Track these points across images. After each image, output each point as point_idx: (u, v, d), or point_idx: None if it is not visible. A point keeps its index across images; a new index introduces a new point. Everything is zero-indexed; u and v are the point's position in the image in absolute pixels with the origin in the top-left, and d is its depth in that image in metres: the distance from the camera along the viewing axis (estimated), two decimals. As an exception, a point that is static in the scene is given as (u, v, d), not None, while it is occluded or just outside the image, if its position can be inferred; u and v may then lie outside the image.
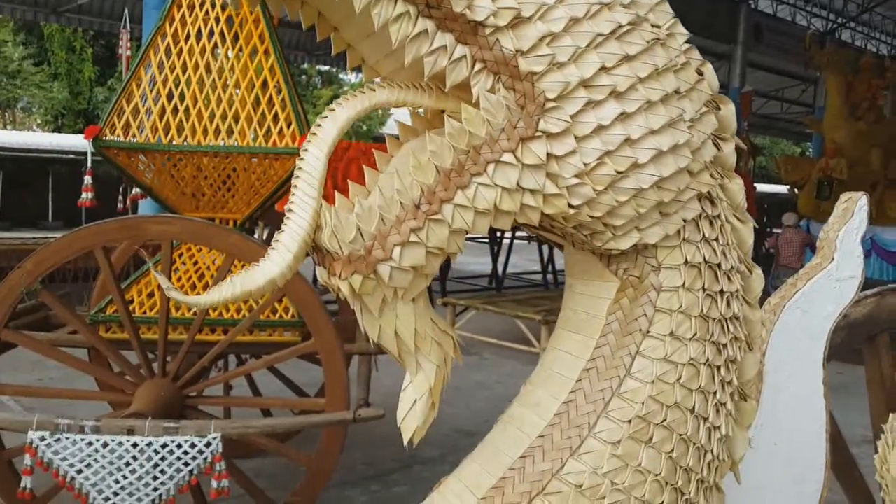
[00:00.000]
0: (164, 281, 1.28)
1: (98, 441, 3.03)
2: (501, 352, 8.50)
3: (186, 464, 3.05)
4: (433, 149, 1.26)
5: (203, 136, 3.80)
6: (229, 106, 3.87)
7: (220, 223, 4.01)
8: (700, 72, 1.47)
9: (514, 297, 9.97)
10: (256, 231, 5.15)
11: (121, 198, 5.57)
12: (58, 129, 27.09)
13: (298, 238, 1.21)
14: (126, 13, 9.76)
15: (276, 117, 3.86)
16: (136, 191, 4.84)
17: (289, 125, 3.85)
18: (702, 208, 1.48)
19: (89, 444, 3.03)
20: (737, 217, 1.58)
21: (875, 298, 2.52)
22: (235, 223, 4.13)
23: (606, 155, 1.31)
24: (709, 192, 1.49)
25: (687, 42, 1.46)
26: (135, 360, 3.66)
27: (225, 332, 3.74)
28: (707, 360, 1.48)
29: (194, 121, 3.82)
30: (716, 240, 1.52)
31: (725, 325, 1.52)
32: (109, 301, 3.80)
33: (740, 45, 17.64)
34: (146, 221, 3.48)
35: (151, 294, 3.90)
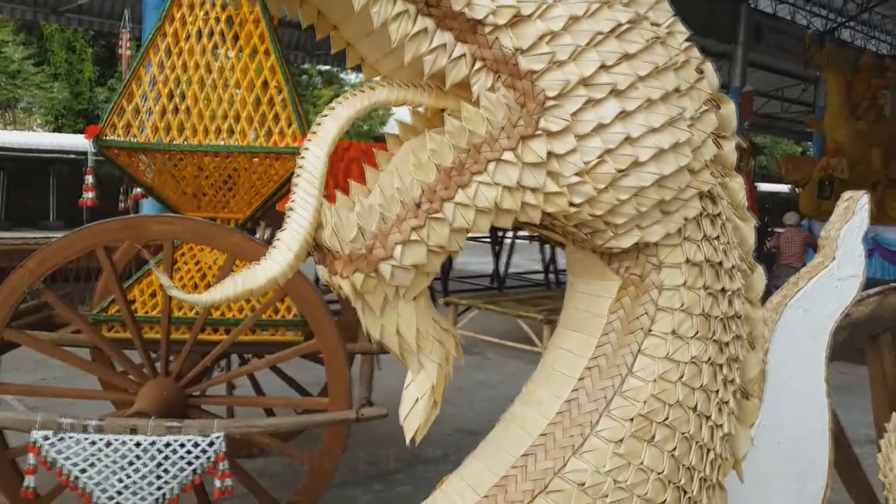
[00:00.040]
0: (165, 279, 1.29)
1: (101, 440, 3.03)
2: (504, 351, 8.49)
3: (190, 463, 3.06)
4: (433, 147, 1.26)
5: (204, 135, 3.81)
6: (230, 106, 3.87)
7: (222, 223, 4.01)
8: (700, 70, 1.46)
9: (516, 296, 9.96)
10: (258, 231, 5.15)
11: (122, 197, 5.58)
12: (58, 129, 27.09)
13: (300, 237, 1.21)
14: (126, 13, 9.76)
15: (276, 117, 3.86)
16: (137, 190, 4.85)
17: (289, 125, 3.85)
18: (703, 207, 1.48)
19: (93, 443, 3.03)
20: (738, 215, 1.58)
21: (877, 298, 2.52)
22: (237, 223, 4.13)
23: (607, 153, 1.31)
24: (710, 191, 1.49)
25: (687, 41, 1.46)
26: (137, 359, 3.66)
27: (227, 331, 3.73)
28: (709, 358, 1.48)
29: (195, 120, 3.82)
30: (717, 238, 1.52)
31: (727, 324, 1.52)
32: (112, 300, 3.80)
33: (740, 45, 17.60)
34: (148, 221, 3.48)
35: (154, 293, 3.90)
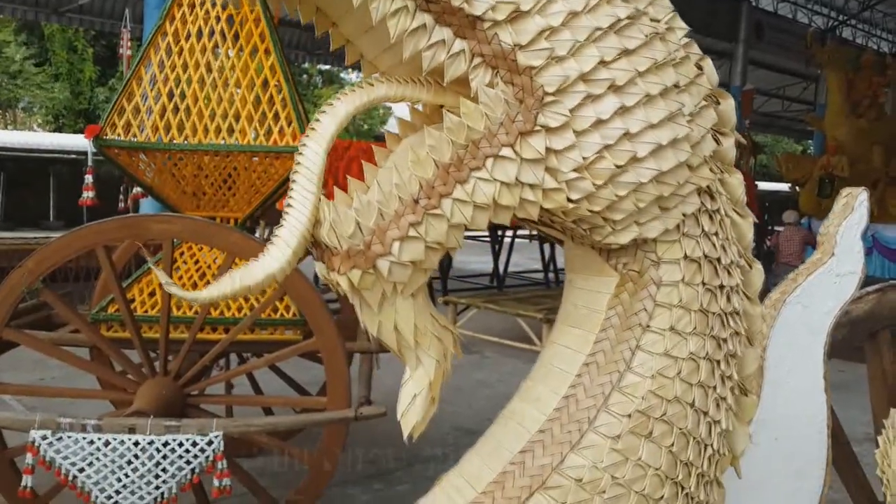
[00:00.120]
0: (163, 276, 1.28)
1: (100, 440, 3.03)
2: (503, 350, 8.49)
3: (188, 462, 3.05)
4: (432, 143, 1.26)
5: (204, 135, 3.80)
6: (230, 105, 3.87)
7: (221, 222, 4.01)
8: (699, 66, 1.46)
9: (516, 295, 9.95)
10: (258, 230, 5.15)
11: (122, 197, 5.57)
12: (59, 129, 27.10)
13: (297, 233, 1.21)
14: (127, 13, 9.76)
15: (276, 116, 3.86)
16: (137, 190, 4.85)
17: (289, 124, 3.85)
18: (701, 203, 1.48)
19: (91, 442, 3.03)
20: (736, 212, 1.58)
21: (876, 295, 2.52)
22: (236, 222, 4.13)
23: (605, 149, 1.31)
24: (708, 187, 1.49)
25: (686, 37, 1.46)
26: (136, 358, 3.66)
27: (226, 330, 3.73)
28: (707, 354, 1.48)
29: (195, 120, 3.82)
30: (715, 234, 1.52)
31: (725, 320, 1.52)
32: (111, 300, 3.80)
33: (741, 43, 17.61)
34: (147, 220, 3.48)
35: (153, 293, 3.90)
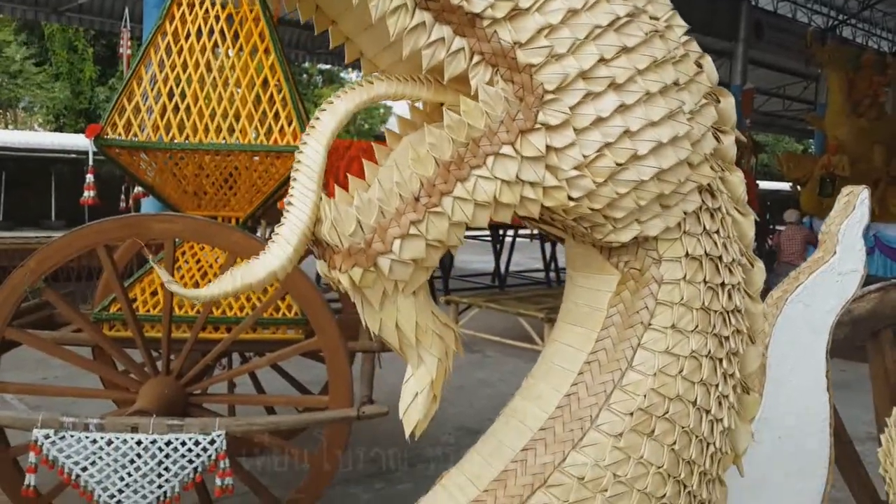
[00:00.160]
0: (164, 274, 1.28)
1: (102, 439, 3.03)
2: (504, 349, 8.49)
3: (191, 461, 3.06)
4: (432, 141, 1.26)
5: (204, 134, 3.80)
6: (230, 104, 3.87)
7: (223, 221, 4.01)
8: (699, 64, 1.46)
9: (517, 294, 9.95)
10: (259, 229, 5.16)
11: (123, 196, 5.58)
12: (59, 129, 27.13)
13: (298, 231, 1.21)
14: (126, 12, 9.76)
15: (276, 115, 3.86)
16: (138, 189, 4.85)
17: (290, 123, 3.85)
18: (702, 200, 1.48)
19: (94, 441, 3.03)
20: (738, 210, 1.58)
21: (878, 294, 2.52)
22: (237, 221, 4.13)
23: (606, 147, 1.31)
24: (709, 185, 1.49)
25: (686, 35, 1.46)
26: (139, 358, 3.66)
27: (228, 329, 3.74)
28: (709, 352, 1.48)
29: (195, 119, 3.82)
30: (717, 232, 1.52)
31: (727, 318, 1.52)
32: (113, 299, 3.81)
33: (741, 43, 17.59)
34: (148, 220, 3.48)
35: (155, 292, 3.90)
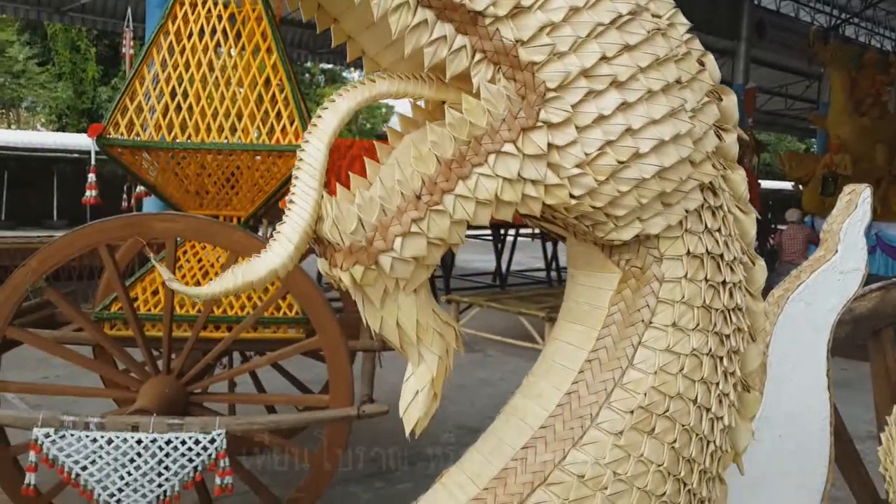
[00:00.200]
0: (166, 273, 1.29)
1: (103, 438, 3.04)
2: (505, 349, 8.48)
3: (191, 460, 3.06)
4: (434, 139, 1.26)
5: (206, 133, 3.81)
6: (232, 104, 3.87)
7: (224, 220, 4.01)
8: (701, 62, 1.46)
9: (518, 294, 9.95)
10: (261, 229, 5.16)
11: (125, 196, 5.59)
12: (62, 129, 27.16)
13: (300, 229, 1.21)
14: (129, 12, 9.77)
15: (278, 115, 3.86)
16: (140, 189, 4.85)
17: (291, 123, 3.85)
18: (704, 199, 1.48)
19: (94, 440, 3.04)
20: (739, 208, 1.58)
21: (880, 293, 2.52)
22: (239, 220, 4.14)
23: (608, 145, 1.31)
24: (711, 183, 1.49)
25: (688, 32, 1.46)
26: (139, 357, 3.67)
27: (229, 329, 3.74)
28: (710, 350, 1.48)
29: (197, 119, 3.82)
30: (718, 230, 1.51)
31: (728, 316, 1.52)
32: (114, 298, 3.81)
33: (743, 42, 17.58)
34: (150, 219, 3.48)
35: (156, 291, 3.91)
